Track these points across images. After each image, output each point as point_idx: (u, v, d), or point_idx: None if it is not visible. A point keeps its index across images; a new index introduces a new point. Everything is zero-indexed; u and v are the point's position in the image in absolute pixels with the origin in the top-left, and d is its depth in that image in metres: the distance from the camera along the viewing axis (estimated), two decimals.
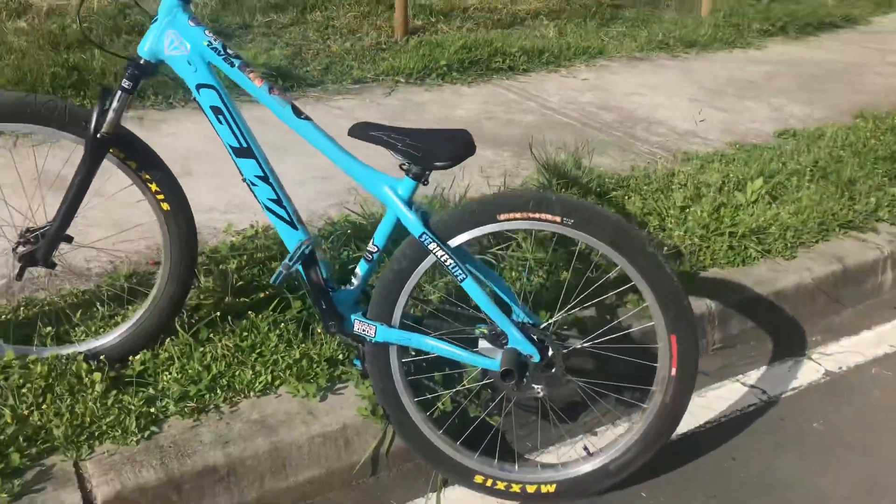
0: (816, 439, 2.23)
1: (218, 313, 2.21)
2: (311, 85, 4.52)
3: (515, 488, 1.96)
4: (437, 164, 1.77)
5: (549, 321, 1.96)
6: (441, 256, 1.80)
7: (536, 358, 1.84)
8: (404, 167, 1.81)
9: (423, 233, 1.80)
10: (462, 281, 1.82)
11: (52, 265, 2.00)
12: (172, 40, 1.84)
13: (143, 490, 1.77)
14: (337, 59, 4.92)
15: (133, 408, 1.92)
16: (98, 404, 1.92)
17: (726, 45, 5.96)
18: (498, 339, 1.87)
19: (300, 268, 1.90)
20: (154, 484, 1.78)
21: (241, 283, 2.36)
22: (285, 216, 1.91)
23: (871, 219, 3.19)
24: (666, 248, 2.79)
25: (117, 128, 1.88)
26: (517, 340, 1.84)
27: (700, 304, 2.58)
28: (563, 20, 6.17)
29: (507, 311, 1.90)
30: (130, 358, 2.08)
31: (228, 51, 1.85)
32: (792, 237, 2.96)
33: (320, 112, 4.10)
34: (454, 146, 1.78)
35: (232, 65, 1.84)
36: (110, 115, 1.84)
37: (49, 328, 2.14)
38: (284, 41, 5.11)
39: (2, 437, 1.80)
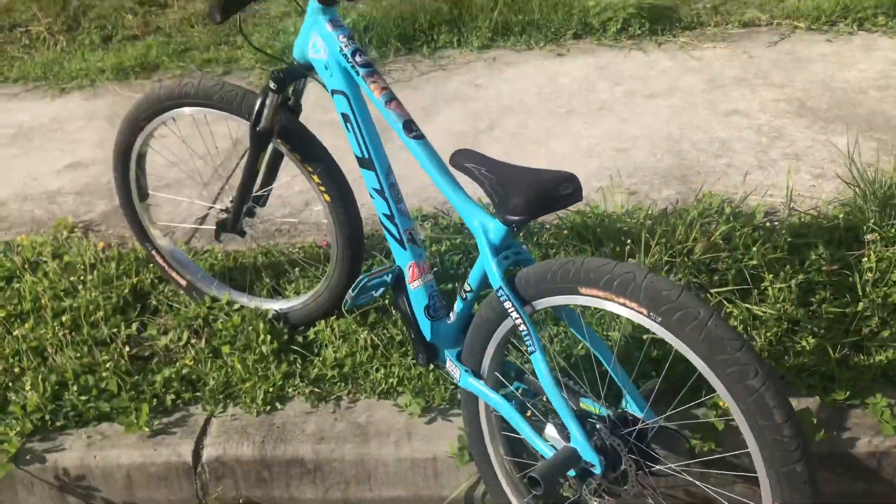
0: None
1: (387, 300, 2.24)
2: (689, 27, 4.02)
3: None
4: (511, 217, 1.49)
5: (633, 426, 1.53)
6: (515, 318, 1.54)
7: (597, 469, 1.49)
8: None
9: (500, 287, 1.55)
10: (531, 353, 1.53)
11: (242, 233, 2.23)
12: (315, 43, 1.82)
13: (240, 462, 1.95)
14: None
15: (271, 377, 2.09)
16: (252, 366, 2.14)
17: None
18: (563, 430, 1.55)
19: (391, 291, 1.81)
20: (248, 458, 1.95)
21: (434, 269, 2.33)
22: (395, 234, 1.81)
23: None
24: None
25: (284, 122, 1.97)
26: (579, 442, 1.50)
27: None
28: None
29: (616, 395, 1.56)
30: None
31: (357, 58, 1.77)
32: None
33: (675, 62, 3.65)
34: (534, 197, 1.47)
35: (357, 72, 1.76)
36: (265, 112, 1.92)
37: (267, 280, 2.42)
38: None
39: (176, 374, 2.14)
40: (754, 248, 2.18)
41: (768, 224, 2.41)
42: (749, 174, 2.74)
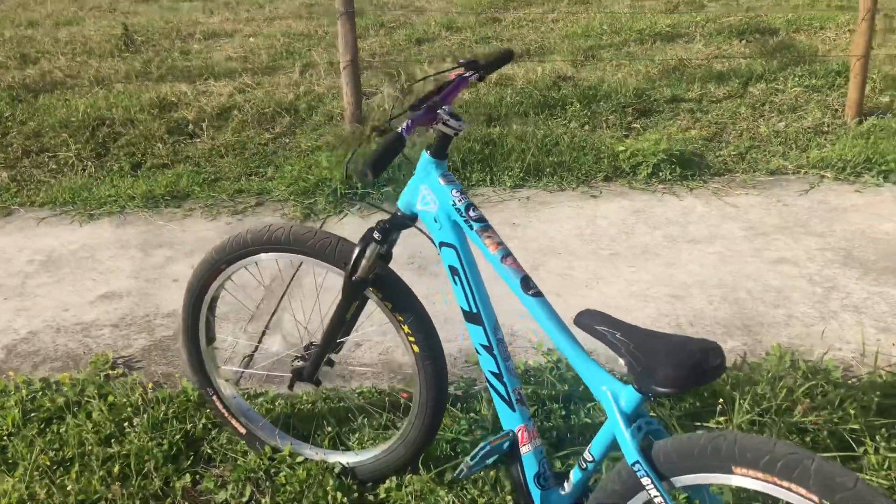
0: None
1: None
2: (718, 174, 4.12)
3: None
4: (656, 388, 1.42)
5: None
6: (654, 497, 1.44)
7: None
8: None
9: (637, 461, 1.46)
10: None
11: (317, 383, 2.12)
12: (424, 196, 1.80)
13: None
14: (761, 143, 4.41)
15: None
16: None
17: None
18: None
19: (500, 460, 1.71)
20: None
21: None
22: (504, 393, 1.73)
23: None
24: None
25: (378, 270, 1.92)
26: None
27: None
28: None
29: None
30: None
31: (471, 212, 1.74)
32: None
33: (710, 208, 3.71)
34: (683, 368, 1.40)
35: (471, 227, 1.73)
36: (363, 262, 1.87)
37: (329, 429, 2.29)
38: (709, 119, 4.75)
39: None
40: (851, 410, 2.12)
41: (848, 381, 2.37)
42: (812, 326, 2.72)
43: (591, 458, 1.60)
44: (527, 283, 1.67)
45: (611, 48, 6.20)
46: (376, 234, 1.84)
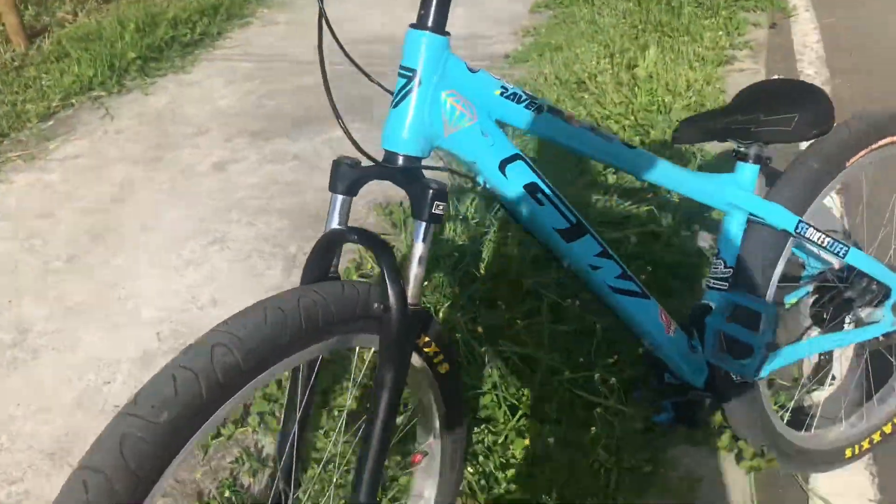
0: None
1: None
2: None
3: None
4: None
5: None
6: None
7: None
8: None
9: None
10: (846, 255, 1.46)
11: None
12: (453, 107, 1.05)
13: None
14: None
15: None
16: None
17: None
18: None
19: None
20: None
21: None
22: (636, 287, 1.31)
23: None
24: None
25: None
26: None
27: None
28: None
29: None
30: None
31: (521, 93, 1.13)
32: None
33: None
34: None
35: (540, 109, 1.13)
36: None
37: None
38: None
39: None
40: None
41: None
42: None
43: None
44: None
45: None
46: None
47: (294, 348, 0.94)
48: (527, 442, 1.56)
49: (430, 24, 1.01)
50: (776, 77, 1.45)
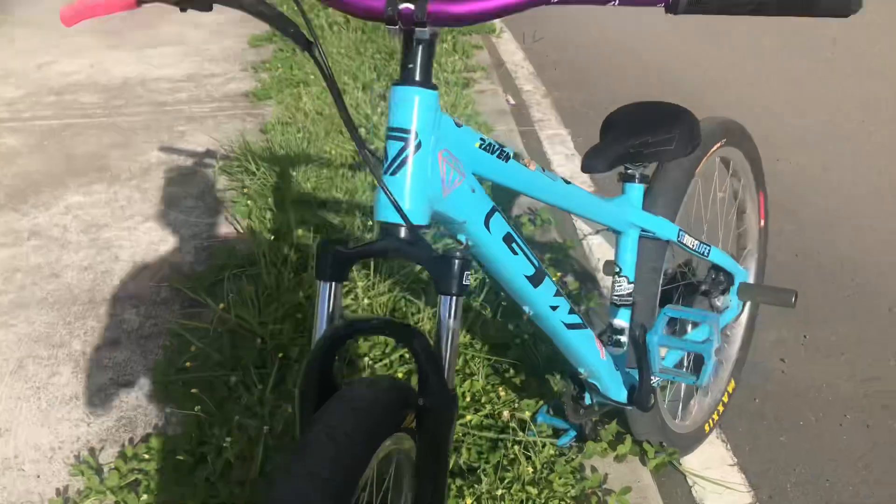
0: None
1: None
2: None
3: None
4: None
5: None
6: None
7: None
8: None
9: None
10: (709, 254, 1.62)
11: None
12: (447, 166, 0.96)
13: None
14: None
15: None
16: None
17: None
18: None
19: None
20: None
21: None
22: (579, 319, 1.32)
23: None
24: None
25: None
26: None
27: None
28: None
29: None
30: None
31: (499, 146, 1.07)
32: None
33: None
34: None
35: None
36: None
37: None
38: None
39: None
40: None
41: None
42: None
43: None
44: None
45: None
46: None
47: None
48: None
49: (418, 78, 0.92)
50: (644, 102, 1.56)
